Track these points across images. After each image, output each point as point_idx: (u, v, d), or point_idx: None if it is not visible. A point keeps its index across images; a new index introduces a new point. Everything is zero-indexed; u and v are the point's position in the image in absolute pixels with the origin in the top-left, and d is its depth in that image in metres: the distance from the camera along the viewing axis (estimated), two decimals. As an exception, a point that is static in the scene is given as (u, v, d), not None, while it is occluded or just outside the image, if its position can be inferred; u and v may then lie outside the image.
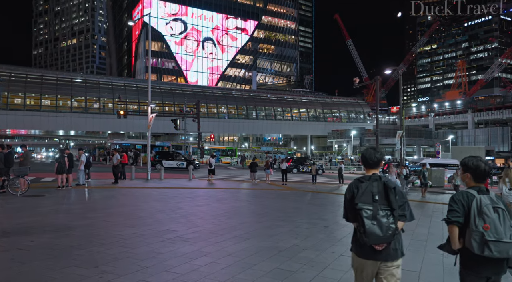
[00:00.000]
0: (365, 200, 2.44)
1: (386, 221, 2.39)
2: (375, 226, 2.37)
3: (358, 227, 2.46)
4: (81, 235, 5.77)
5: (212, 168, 18.91)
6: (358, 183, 2.55)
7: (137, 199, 10.80)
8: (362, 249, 2.51)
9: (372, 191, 2.47)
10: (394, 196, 2.45)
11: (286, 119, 59.32)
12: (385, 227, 2.38)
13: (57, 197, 10.46)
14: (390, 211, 2.43)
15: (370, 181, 2.53)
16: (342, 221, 7.94)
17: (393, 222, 2.40)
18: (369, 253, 2.49)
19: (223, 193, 13.25)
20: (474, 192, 2.45)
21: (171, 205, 9.53)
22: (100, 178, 17.83)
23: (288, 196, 13.43)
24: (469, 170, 2.57)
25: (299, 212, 9.30)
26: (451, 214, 2.45)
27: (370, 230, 2.37)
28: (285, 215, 8.58)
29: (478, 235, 2.32)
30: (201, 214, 8.27)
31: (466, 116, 67.14)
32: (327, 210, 9.95)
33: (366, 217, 2.39)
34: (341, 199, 13.06)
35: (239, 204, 10.45)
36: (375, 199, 2.44)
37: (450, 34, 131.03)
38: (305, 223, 7.70)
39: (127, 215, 7.79)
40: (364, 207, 2.42)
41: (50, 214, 7.57)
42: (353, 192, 2.54)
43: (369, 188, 2.49)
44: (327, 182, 22.91)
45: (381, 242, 2.40)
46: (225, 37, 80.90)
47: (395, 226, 2.41)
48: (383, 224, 2.38)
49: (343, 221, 8.15)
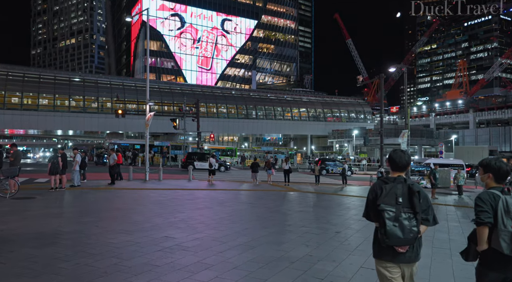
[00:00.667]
0: (388, 202, 2.44)
1: (408, 224, 2.38)
2: (396, 227, 2.37)
3: (379, 228, 2.46)
4: (69, 243, 5.18)
5: (212, 168, 18.34)
6: (382, 184, 2.54)
7: (134, 201, 10.22)
8: (382, 250, 2.50)
9: (396, 193, 2.46)
10: (418, 200, 2.43)
11: (286, 119, 58.80)
12: (406, 229, 2.37)
13: (49, 199, 9.87)
14: (413, 214, 2.41)
15: (395, 182, 2.52)
16: (353, 226, 7.38)
17: (415, 225, 2.39)
18: (390, 255, 2.48)
19: (224, 195, 12.68)
20: (498, 192, 2.46)
21: (170, 208, 8.95)
22: (96, 178, 17.24)
23: (292, 197, 12.87)
24: (492, 170, 2.57)
25: (306, 215, 8.73)
26: (483, 215, 2.42)
27: (391, 231, 2.37)
28: (292, 219, 8.02)
29: (507, 235, 2.31)
30: (202, 218, 7.70)
31: (468, 116, 66.67)
32: (335, 213, 9.38)
33: (388, 219, 2.39)
34: (347, 201, 12.52)
35: (241, 206, 9.88)
36: (398, 201, 2.43)
37: (450, 34, 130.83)
38: (314, 228, 7.13)
39: (122, 219, 7.21)
40: (387, 208, 2.42)
41: (38, 219, 6.99)
42: (376, 193, 2.53)
43: (393, 189, 2.48)
44: (330, 182, 22.35)
45: (402, 244, 2.40)
46: (225, 36, 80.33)
47: (417, 229, 2.40)
48: (405, 226, 2.37)
49: (355, 226, 7.61)
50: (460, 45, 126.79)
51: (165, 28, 73.58)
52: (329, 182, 22.27)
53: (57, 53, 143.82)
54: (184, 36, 75.53)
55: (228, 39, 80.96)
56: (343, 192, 15.89)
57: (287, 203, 11.28)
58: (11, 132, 66.12)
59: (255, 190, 14.97)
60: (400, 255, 2.46)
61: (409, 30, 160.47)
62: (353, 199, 13.25)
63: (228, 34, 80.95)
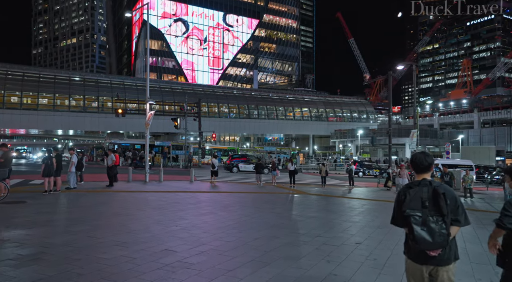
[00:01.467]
0: (414, 206, 2.40)
1: (437, 227, 2.34)
2: (424, 232, 2.33)
3: (408, 234, 2.42)
4: (54, 260, 4.48)
5: (215, 169, 17.64)
6: (407, 189, 2.50)
7: (132, 205, 9.52)
8: (416, 252, 2.46)
9: (422, 196, 2.42)
10: (444, 202, 2.38)
11: (288, 119, 58.13)
12: (436, 233, 2.33)
13: (41, 203, 9.18)
14: (441, 217, 2.36)
15: (420, 186, 2.47)
16: (373, 235, 6.66)
17: (444, 228, 2.34)
18: (421, 258, 2.45)
19: (228, 198, 11.97)
20: None
21: (171, 214, 8.25)
22: (94, 180, 16.56)
23: (300, 201, 12.15)
24: None
25: (319, 222, 8.02)
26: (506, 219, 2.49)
27: (419, 236, 2.33)
28: (305, 227, 7.30)
29: None
30: (206, 226, 6.99)
31: (472, 115, 65.83)
32: (349, 219, 8.67)
33: (415, 223, 2.35)
34: (358, 205, 11.80)
35: (248, 211, 9.17)
36: (424, 205, 2.39)
37: (452, 33, 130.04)
38: (331, 237, 6.42)
39: (118, 228, 6.51)
40: (413, 213, 2.38)
41: (25, 227, 6.30)
42: (401, 198, 2.49)
43: (418, 193, 2.44)
44: (336, 183, 21.65)
45: (432, 248, 2.35)
46: (226, 35, 79.65)
47: (447, 232, 2.35)
48: (434, 230, 2.33)
49: (375, 235, 6.90)
50: (462, 44, 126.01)
51: (166, 27, 72.89)
52: (335, 183, 21.57)
53: (58, 53, 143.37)
54: (185, 35, 74.83)
55: (229, 38, 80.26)
56: (352, 195, 15.17)
57: (296, 207, 10.57)
58: (12, 132, 65.62)
59: (260, 193, 14.27)
60: (432, 258, 2.41)
61: (410, 30, 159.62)
62: (363, 202, 12.54)
63: (229, 33, 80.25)
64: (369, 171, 30.50)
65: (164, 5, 72.72)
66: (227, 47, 79.98)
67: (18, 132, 64.46)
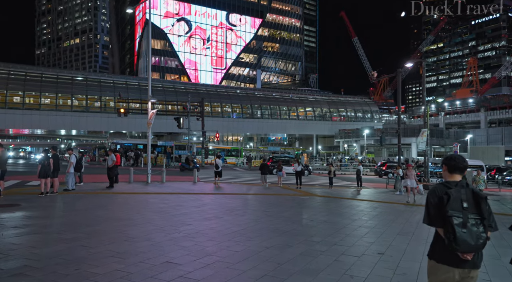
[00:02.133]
0: (455, 207, 2.38)
1: (477, 230, 2.33)
2: (465, 234, 2.31)
3: (447, 234, 2.36)
4: (39, 276, 3.91)
5: (219, 169, 17.08)
6: (445, 189, 2.46)
7: (132, 209, 8.97)
8: (448, 256, 2.41)
9: (461, 198, 2.40)
10: (485, 205, 2.39)
11: (292, 119, 57.56)
12: (475, 235, 2.32)
13: (35, 207, 8.64)
14: (480, 220, 2.36)
15: (458, 187, 2.46)
16: (395, 243, 6.06)
17: (483, 231, 2.34)
18: (456, 261, 2.41)
19: (233, 200, 11.40)
20: None
21: (173, 219, 7.69)
22: (95, 180, 16.06)
23: (309, 203, 11.55)
24: None
25: (333, 228, 7.42)
26: None
27: (461, 238, 2.31)
28: (319, 234, 6.71)
29: None
30: (211, 233, 6.42)
31: (479, 115, 64.88)
32: (364, 224, 8.06)
33: (456, 225, 2.32)
34: (370, 207, 11.20)
35: (255, 215, 8.59)
36: (464, 206, 2.37)
37: (457, 32, 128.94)
38: (350, 246, 5.83)
39: (115, 235, 5.95)
40: (455, 214, 2.36)
41: (13, 235, 5.76)
42: (440, 197, 2.44)
43: (457, 195, 2.41)
44: (343, 184, 21.03)
45: (471, 251, 2.34)
46: (229, 35, 79.13)
47: (486, 235, 2.34)
48: (474, 232, 2.32)
49: (397, 243, 6.29)
50: (467, 43, 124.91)
51: (169, 27, 72.50)
52: (342, 185, 20.95)
53: (61, 53, 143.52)
54: (188, 35, 74.41)
55: (232, 38, 79.75)
56: (362, 197, 14.55)
57: (306, 210, 9.98)
58: (15, 132, 65.52)
59: (266, 194, 13.68)
60: (466, 261, 2.39)
61: (414, 29, 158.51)
62: (375, 204, 11.92)
63: (232, 33, 79.73)
64: None
65: (167, 4, 72.31)
66: (230, 46, 79.45)
67: (22, 132, 64.34)
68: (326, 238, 6.33)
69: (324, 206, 10.99)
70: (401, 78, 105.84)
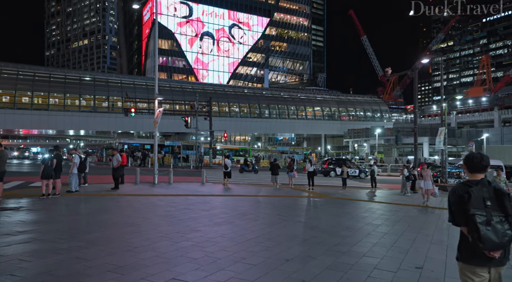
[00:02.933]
0: (478, 205, 2.37)
1: (502, 228, 2.31)
2: (490, 232, 2.30)
3: (471, 233, 2.36)
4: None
5: (228, 170, 16.45)
6: (466, 187, 2.46)
7: (137, 212, 8.36)
8: (474, 255, 2.40)
9: (483, 196, 2.40)
10: (509, 202, 2.37)
11: (300, 118, 56.75)
12: (500, 233, 2.30)
13: (33, 210, 8.09)
14: (505, 217, 2.34)
15: (479, 185, 2.45)
16: (432, 254, 5.32)
17: (508, 228, 2.32)
18: (482, 260, 2.40)
19: (244, 202, 10.74)
20: None
21: (181, 224, 7.05)
22: (101, 181, 15.56)
23: (325, 206, 10.82)
24: None
25: (357, 235, 6.70)
26: None
27: (485, 236, 2.29)
28: (343, 242, 6.00)
29: None
30: (223, 241, 5.76)
31: (492, 114, 63.23)
32: (390, 230, 7.33)
33: (480, 223, 2.31)
34: (391, 210, 10.44)
35: (270, 220, 7.91)
36: (487, 204, 2.37)
37: (467, 30, 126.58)
38: (381, 259, 5.11)
39: (116, 245, 5.33)
40: (477, 212, 2.34)
41: (3, 244, 5.17)
42: (461, 196, 2.44)
43: (479, 193, 2.41)
44: (357, 185, 20.23)
45: (497, 248, 2.32)
46: (237, 34, 78.60)
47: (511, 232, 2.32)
48: (499, 230, 2.31)
49: (434, 254, 5.37)
50: (478, 41, 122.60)
51: (176, 27, 72.26)
52: (356, 185, 20.15)
53: (70, 54, 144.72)
54: (195, 35, 74.07)
55: (240, 37, 79.19)
56: (379, 198, 13.77)
57: (323, 214, 9.25)
58: (25, 133, 65.95)
59: (279, 196, 12.99)
60: (493, 259, 2.37)
61: (423, 28, 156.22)
62: (395, 207, 11.15)
63: (240, 32, 79.15)
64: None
65: (175, 4, 72.09)
66: (238, 46, 78.91)
67: (32, 132, 64.71)
68: (352, 248, 5.62)
69: (341, 209, 10.26)
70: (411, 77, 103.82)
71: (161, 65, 70.56)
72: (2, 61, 44.39)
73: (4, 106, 40.46)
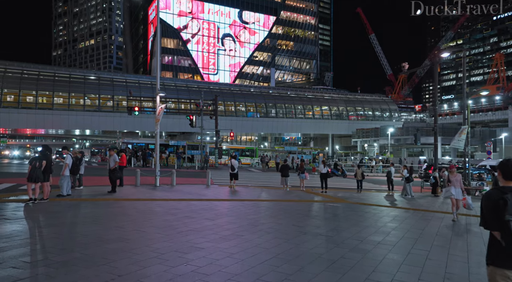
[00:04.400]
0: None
1: None
2: None
3: (505, 238, 2.38)
4: None
5: (234, 171, 15.30)
6: (500, 194, 2.46)
7: (130, 222, 7.22)
8: (507, 258, 2.41)
9: None
10: None
11: (307, 118, 55.50)
12: None
13: (11, 219, 7.00)
14: None
15: None
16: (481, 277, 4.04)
17: None
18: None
19: (254, 209, 9.56)
20: None
21: (180, 238, 5.89)
22: (98, 183, 14.50)
23: (345, 214, 9.56)
24: None
25: (398, 256, 5.47)
26: None
27: None
28: (382, 267, 4.77)
29: None
30: (232, 266, 4.57)
31: (506, 113, 61.27)
32: (431, 247, 6.09)
33: None
34: (421, 218, 9.20)
35: (285, 233, 6.71)
36: None
37: (477, 29, 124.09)
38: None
39: (94, 270, 4.17)
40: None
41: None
42: (495, 202, 2.45)
43: None
44: (372, 187, 18.94)
45: None
46: (243, 33, 77.53)
47: None
48: None
49: (482, 277, 4.35)
50: (488, 40, 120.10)
51: (182, 25, 71.43)
52: (371, 187, 18.86)
53: (77, 54, 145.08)
54: (201, 34, 73.16)
55: (246, 36, 78.08)
56: (401, 204, 12.48)
57: (346, 225, 8.00)
58: (32, 132, 65.66)
59: (291, 201, 11.79)
60: None
61: (432, 26, 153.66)
62: (424, 215, 9.86)
63: (246, 31, 78.06)
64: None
65: (180, 3, 71.27)
66: (244, 45, 77.82)
67: (39, 132, 64.37)
68: (396, 276, 4.41)
69: (364, 217, 9.02)
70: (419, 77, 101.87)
71: (167, 64, 69.75)
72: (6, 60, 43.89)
73: (8, 105, 39.89)
